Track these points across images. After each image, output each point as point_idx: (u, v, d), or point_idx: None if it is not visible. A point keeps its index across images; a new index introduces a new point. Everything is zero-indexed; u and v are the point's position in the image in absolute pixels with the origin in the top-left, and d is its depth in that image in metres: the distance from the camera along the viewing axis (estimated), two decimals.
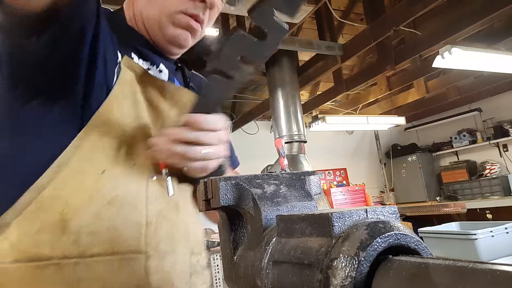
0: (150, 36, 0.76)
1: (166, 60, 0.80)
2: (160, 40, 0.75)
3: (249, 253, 0.40)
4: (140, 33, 0.76)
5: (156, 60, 0.76)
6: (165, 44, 0.76)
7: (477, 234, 1.70)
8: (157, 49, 0.77)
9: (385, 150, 6.93)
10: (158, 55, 0.77)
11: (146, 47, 0.75)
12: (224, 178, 0.43)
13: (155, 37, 0.76)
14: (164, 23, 0.72)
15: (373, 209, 0.30)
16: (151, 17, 0.73)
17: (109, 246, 0.57)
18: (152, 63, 0.75)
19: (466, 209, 4.87)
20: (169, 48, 0.78)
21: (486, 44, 3.51)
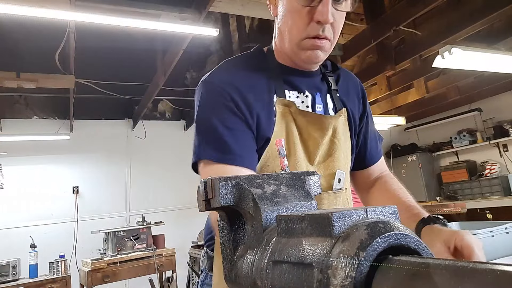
0: (293, 63, 0.92)
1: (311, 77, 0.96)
2: (299, 63, 0.91)
3: (249, 253, 0.40)
4: (285, 65, 0.93)
5: (303, 87, 0.93)
6: (304, 65, 0.92)
7: (477, 234, 1.70)
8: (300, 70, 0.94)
9: (385, 150, 6.93)
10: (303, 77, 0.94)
11: (293, 75, 0.93)
12: (224, 178, 0.43)
13: (296, 63, 0.92)
14: (296, 50, 0.87)
15: (373, 209, 0.30)
16: (287, 48, 0.89)
17: None
18: (300, 91, 0.93)
19: (466, 209, 4.87)
20: (308, 67, 0.94)
21: (486, 44, 3.50)
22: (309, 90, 0.94)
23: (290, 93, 0.91)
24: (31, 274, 3.66)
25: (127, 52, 4.16)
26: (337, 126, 0.93)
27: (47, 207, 4.75)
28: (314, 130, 0.89)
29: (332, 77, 1.01)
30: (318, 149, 0.90)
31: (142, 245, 3.94)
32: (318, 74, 0.99)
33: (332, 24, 0.83)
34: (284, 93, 0.90)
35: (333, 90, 0.99)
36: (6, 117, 4.73)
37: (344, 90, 1.02)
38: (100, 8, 2.42)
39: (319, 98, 0.96)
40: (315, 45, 0.84)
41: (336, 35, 0.86)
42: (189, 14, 2.71)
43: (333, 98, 0.98)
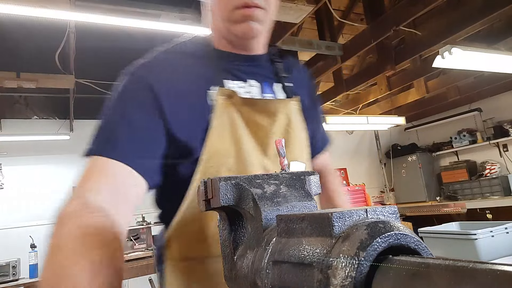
0: (232, 45, 0.83)
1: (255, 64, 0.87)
2: (237, 42, 0.82)
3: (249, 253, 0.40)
4: (225, 50, 0.84)
5: (247, 75, 0.84)
6: (243, 43, 0.83)
7: (477, 234, 1.70)
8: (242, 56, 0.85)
9: (385, 150, 6.93)
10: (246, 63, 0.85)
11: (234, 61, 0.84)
12: (224, 178, 0.43)
13: (233, 43, 0.83)
14: (229, 26, 0.79)
15: (373, 209, 0.30)
16: (221, 27, 0.82)
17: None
18: (242, 79, 0.83)
19: (466, 209, 4.87)
20: (249, 45, 0.84)
21: (486, 44, 3.50)
22: (255, 79, 0.85)
23: (231, 84, 0.81)
24: (31, 274, 3.66)
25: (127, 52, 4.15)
26: (291, 115, 0.85)
27: (47, 207, 4.74)
28: (261, 118, 0.81)
29: (280, 64, 0.92)
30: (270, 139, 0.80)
31: (142, 245, 3.94)
32: (264, 60, 0.90)
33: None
34: (223, 83, 0.80)
35: (282, 77, 0.90)
36: (6, 117, 4.73)
37: (295, 79, 0.93)
38: (100, 8, 2.42)
39: (268, 87, 0.87)
40: (246, 15, 0.76)
41: (269, 4, 0.79)
42: (189, 14, 2.71)
43: (284, 87, 0.90)
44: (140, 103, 0.73)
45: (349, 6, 4.15)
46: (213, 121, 0.75)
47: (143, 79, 0.75)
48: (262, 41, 0.87)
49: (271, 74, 0.90)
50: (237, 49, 0.84)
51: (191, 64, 0.81)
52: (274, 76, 0.90)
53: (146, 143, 0.71)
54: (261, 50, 0.88)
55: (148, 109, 0.72)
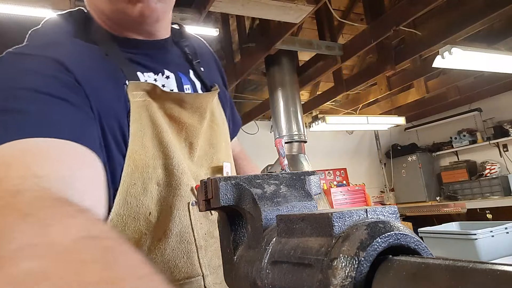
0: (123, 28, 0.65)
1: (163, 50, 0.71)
2: (135, 26, 0.64)
3: (249, 253, 0.40)
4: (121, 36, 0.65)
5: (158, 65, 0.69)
6: (142, 27, 0.65)
7: (477, 234, 1.70)
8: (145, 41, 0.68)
9: (385, 150, 6.93)
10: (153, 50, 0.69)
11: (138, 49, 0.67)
12: (224, 178, 0.43)
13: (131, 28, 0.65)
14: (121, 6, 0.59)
15: (373, 209, 0.30)
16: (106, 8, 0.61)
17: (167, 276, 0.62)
18: (156, 71, 0.67)
19: (466, 209, 4.87)
20: (149, 28, 0.66)
21: (486, 44, 3.51)
22: (168, 69, 0.69)
23: (145, 76, 0.65)
24: None
25: None
26: (213, 108, 0.74)
27: None
28: (189, 116, 0.67)
29: (188, 47, 0.77)
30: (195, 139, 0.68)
31: None
32: (170, 44, 0.73)
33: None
34: (137, 76, 0.63)
35: (195, 63, 0.76)
36: None
37: (203, 63, 0.79)
38: None
39: (184, 77, 0.72)
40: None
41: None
42: (189, 14, 2.71)
43: (198, 74, 0.75)
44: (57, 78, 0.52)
45: (349, 6, 4.15)
46: (132, 125, 0.59)
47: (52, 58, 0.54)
48: (167, 22, 0.71)
49: (183, 61, 0.75)
50: (133, 33, 0.66)
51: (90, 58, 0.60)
52: (186, 63, 0.75)
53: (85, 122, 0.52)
54: (165, 33, 0.71)
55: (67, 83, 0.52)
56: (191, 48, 0.78)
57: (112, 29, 0.65)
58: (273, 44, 3.04)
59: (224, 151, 0.75)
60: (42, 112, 0.46)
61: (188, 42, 0.78)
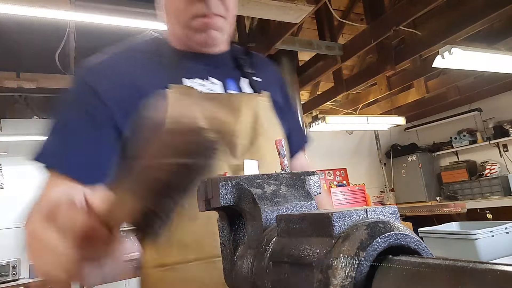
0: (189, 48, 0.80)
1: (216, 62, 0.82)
2: (197, 47, 0.79)
3: (249, 253, 0.40)
4: (184, 50, 0.80)
5: (208, 73, 0.80)
6: (203, 49, 0.80)
7: (477, 234, 1.70)
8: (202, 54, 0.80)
9: (385, 150, 6.93)
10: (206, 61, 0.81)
11: (193, 60, 0.80)
12: (224, 178, 0.43)
13: (193, 48, 0.80)
14: (188, 33, 0.77)
15: (373, 209, 0.30)
16: (179, 32, 0.79)
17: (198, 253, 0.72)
18: (204, 77, 0.79)
19: (466, 209, 4.87)
20: (208, 50, 0.81)
21: (486, 44, 3.51)
22: (217, 77, 0.81)
23: (190, 82, 0.77)
24: (31, 274, 3.66)
25: None
26: (259, 111, 0.80)
27: None
28: (224, 114, 0.75)
29: (245, 61, 0.88)
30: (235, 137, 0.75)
31: None
32: (226, 57, 0.86)
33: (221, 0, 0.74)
34: (182, 82, 0.76)
35: (248, 73, 0.86)
36: (6, 117, 4.73)
37: (263, 76, 0.89)
38: (100, 8, 2.42)
39: (233, 83, 0.82)
40: (206, 24, 0.74)
41: (230, 11, 0.77)
42: None
43: (251, 83, 0.85)
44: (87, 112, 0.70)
45: (349, 6, 4.15)
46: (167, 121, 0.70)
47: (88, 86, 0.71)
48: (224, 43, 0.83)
49: (236, 70, 0.86)
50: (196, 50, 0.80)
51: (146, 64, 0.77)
52: (239, 72, 0.85)
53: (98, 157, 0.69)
54: (222, 49, 0.84)
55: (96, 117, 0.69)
56: (250, 63, 0.89)
57: (179, 46, 0.81)
58: (273, 44, 3.04)
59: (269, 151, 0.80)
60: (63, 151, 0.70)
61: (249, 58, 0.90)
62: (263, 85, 0.87)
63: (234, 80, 0.83)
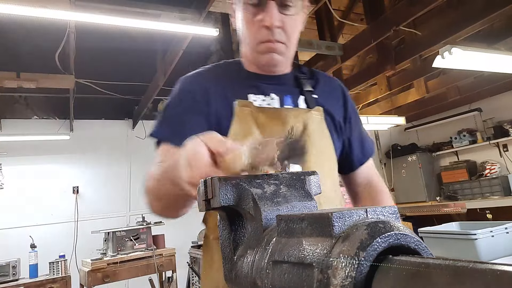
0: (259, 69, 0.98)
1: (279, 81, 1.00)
2: (262, 68, 0.97)
3: (249, 253, 0.40)
4: (252, 71, 1.00)
5: (269, 90, 0.97)
6: (266, 69, 0.97)
7: (477, 234, 1.70)
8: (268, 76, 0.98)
9: (385, 150, 6.93)
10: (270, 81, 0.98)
11: (259, 80, 0.98)
12: (224, 178, 0.43)
13: (260, 68, 0.98)
14: (255, 56, 0.94)
15: (373, 209, 0.30)
16: (249, 55, 0.97)
17: None
18: (265, 93, 0.96)
19: (466, 209, 4.86)
20: (272, 70, 0.98)
21: (486, 44, 3.50)
22: (277, 93, 0.97)
23: (255, 97, 0.95)
24: (31, 274, 3.66)
25: (127, 52, 4.16)
26: (308, 123, 0.94)
27: (47, 207, 4.75)
28: (275, 124, 0.91)
29: (307, 80, 1.04)
30: None
31: (142, 245, 3.94)
32: (288, 78, 1.02)
33: (283, 28, 0.90)
34: (247, 97, 0.94)
35: (306, 91, 1.01)
36: (6, 117, 4.73)
37: (321, 93, 1.03)
38: (100, 8, 2.42)
39: (289, 99, 0.98)
40: (269, 48, 0.91)
41: (290, 38, 0.92)
42: (189, 14, 2.71)
43: (306, 99, 1.00)
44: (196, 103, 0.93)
45: (349, 6, 4.15)
46: (232, 127, 0.90)
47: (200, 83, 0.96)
48: (285, 64, 1.00)
49: (295, 88, 1.01)
50: (261, 70, 0.99)
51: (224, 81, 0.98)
52: (298, 90, 1.01)
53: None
54: (285, 71, 1.01)
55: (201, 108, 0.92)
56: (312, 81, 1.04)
57: (250, 68, 1.00)
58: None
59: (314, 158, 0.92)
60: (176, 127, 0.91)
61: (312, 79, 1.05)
62: (319, 101, 1.00)
63: (291, 97, 0.98)
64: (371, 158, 1.12)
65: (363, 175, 1.10)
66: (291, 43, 0.93)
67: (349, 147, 1.06)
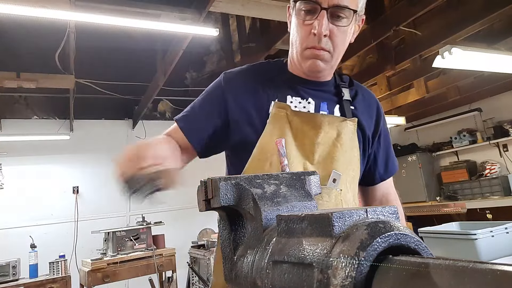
0: (303, 73, 1.02)
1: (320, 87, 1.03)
2: (305, 71, 1.00)
3: (249, 253, 0.40)
4: (295, 74, 1.03)
5: (308, 95, 1.01)
6: (309, 74, 1.00)
7: (477, 234, 1.70)
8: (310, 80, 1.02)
9: None
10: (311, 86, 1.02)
11: (300, 83, 1.01)
12: (224, 178, 0.43)
13: (303, 72, 1.01)
14: (300, 59, 0.97)
15: (373, 209, 0.30)
16: (295, 58, 1.00)
17: None
18: (303, 97, 1.00)
19: (466, 209, 4.86)
20: (314, 76, 1.01)
21: (486, 44, 3.51)
22: (314, 98, 1.01)
23: (292, 99, 0.99)
24: (31, 274, 3.66)
25: (127, 52, 4.16)
26: (341, 131, 0.97)
27: (47, 207, 4.75)
28: (308, 129, 0.95)
29: (347, 90, 1.07)
30: (314, 147, 0.94)
31: (142, 245, 3.94)
32: (329, 85, 1.06)
33: (331, 38, 0.92)
34: (286, 98, 0.98)
35: (344, 100, 1.04)
36: (6, 117, 4.73)
37: (358, 105, 1.06)
38: (100, 8, 2.42)
39: (325, 106, 1.02)
40: (314, 54, 0.94)
41: (336, 48, 0.95)
42: (189, 14, 2.71)
43: (343, 108, 1.03)
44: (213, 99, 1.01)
45: None
46: (267, 126, 0.94)
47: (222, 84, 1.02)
48: (328, 72, 1.03)
49: (334, 96, 1.05)
50: (305, 75, 1.02)
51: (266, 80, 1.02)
52: (337, 98, 1.05)
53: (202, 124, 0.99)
54: (327, 78, 1.05)
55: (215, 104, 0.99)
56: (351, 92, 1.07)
57: (294, 71, 1.04)
58: (273, 44, 3.04)
59: (341, 165, 0.96)
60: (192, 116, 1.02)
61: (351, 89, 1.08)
62: (355, 113, 1.04)
63: (328, 104, 1.02)
64: (392, 176, 1.18)
65: (381, 191, 1.16)
66: (336, 52, 0.96)
67: (373, 162, 1.10)
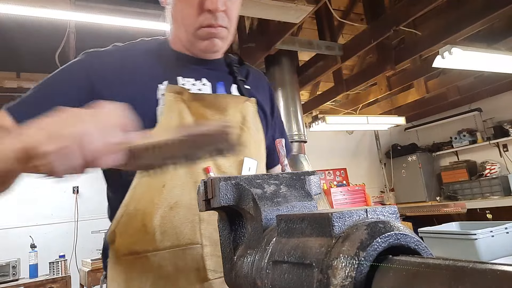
0: (190, 52, 0.89)
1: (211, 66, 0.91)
2: (197, 53, 0.88)
3: (249, 253, 0.40)
4: (182, 52, 0.90)
5: (201, 74, 0.89)
6: (202, 54, 0.89)
7: (477, 234, 1.70)
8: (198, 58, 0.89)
9: (385, 150, 6.93)
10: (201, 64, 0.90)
11: (189, 62, 0.89)
12: (224, 178, 0.43)
13: (193, 52, 0.89)
14: (193, 40, 0.85)
15: (373, 209, 0.30)
16: (183, 38, 0.87)
17: (174, 240, 0.76)
18: (196, 78, 0.88)
19: (466, 209, 4.86)
20: (207, 56, 0.90)
21: (486, 44, 3.51)
22: (208, 79, 0.89)
23: (184, 80, 0.86)
24: (31, 274, 3.66)
25: None
26: (246, 114, 0.88)
27: (47, 207, 4.75)
28: (212, 113, 0.84)
29: (238, 69, 0.97)
30: None
31: None
32: (221, 63, 0.95)
33: (226, 12, 0.82)
34: (176, 80, 0.85)
35: (239, 80, 0.94)
36: None
37: (252, 84, 0.97)
38: (100, 8, 2.42)
39: (222, 87, 0.91)
40: (211, 34, 0.83)
41: (232, 22, 0.86)
42: None
43: (240, 89, 0.93)
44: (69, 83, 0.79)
45: (349, 6, 4.15)
46: (160, 117, 0.78)
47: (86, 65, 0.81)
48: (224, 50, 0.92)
49: (228, 76, 0.94)
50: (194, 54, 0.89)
51: (144, 60, 0.86)
52: (231, 78, 0.94)
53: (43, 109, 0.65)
54: (218, 56, 0.93)
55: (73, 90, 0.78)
56: (243, 72, 0.98)
57: (179, 49, 0.90)
58: (273, 44, 3.04)
59: (253, 150, 0.88)
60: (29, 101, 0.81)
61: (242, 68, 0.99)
62: (252, 92, 0.95)
63: (224, 84, 0.92)
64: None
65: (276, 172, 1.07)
66: (232, 27, 0.87)
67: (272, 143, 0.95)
